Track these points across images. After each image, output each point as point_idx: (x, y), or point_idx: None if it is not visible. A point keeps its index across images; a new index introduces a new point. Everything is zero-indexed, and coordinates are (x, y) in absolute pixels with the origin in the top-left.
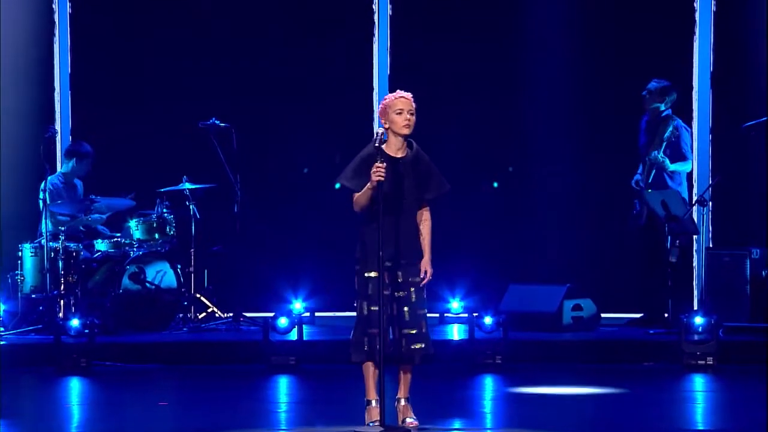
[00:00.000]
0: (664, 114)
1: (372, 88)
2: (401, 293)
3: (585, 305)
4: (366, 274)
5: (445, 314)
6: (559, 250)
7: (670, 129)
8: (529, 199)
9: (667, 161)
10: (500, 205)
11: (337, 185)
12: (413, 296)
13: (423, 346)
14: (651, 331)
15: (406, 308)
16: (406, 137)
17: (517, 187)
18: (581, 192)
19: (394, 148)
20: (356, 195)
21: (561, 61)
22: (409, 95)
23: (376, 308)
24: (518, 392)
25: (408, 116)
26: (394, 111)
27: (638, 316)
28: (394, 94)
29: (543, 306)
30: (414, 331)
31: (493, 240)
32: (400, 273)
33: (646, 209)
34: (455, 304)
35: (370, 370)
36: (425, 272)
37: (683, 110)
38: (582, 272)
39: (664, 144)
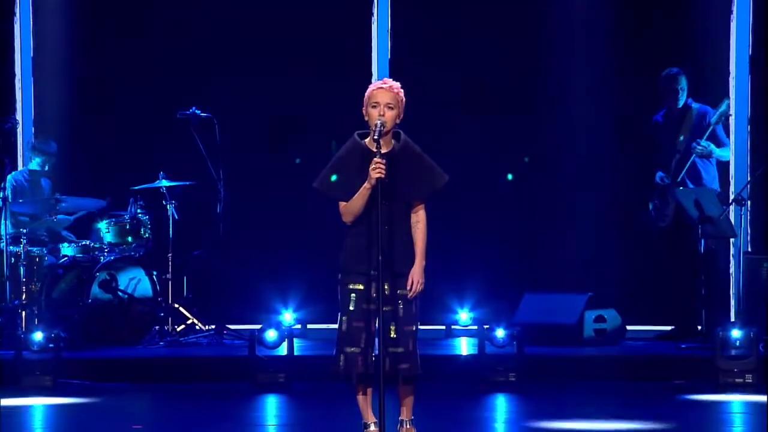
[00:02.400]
0: (689, 100)
1: (371, 74)
2: (388, 308)
3: (608, 316)
4: (349, 286)
5: (453, 326)
6: (580, 255)
7: (723, 108)
8: (546, 196)
9: (713, 146)
10: (514, 202)
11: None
12: (401, 311)
13: (408, 366)
14: (682, 346)
15: (392, 325)
16: (388, 132)
17: (534, 181)
18: (606, 189)
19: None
20: (344, 204)
21: (585, 40)
22: (389, 84)
23: (359, 324)
24: (534, 414)
25: (384, 110)
26: (370, 104)
27: (668, 328)
28: (374, 83)
29: (562, 317)
30: (400, 350)
31: (506, 243)
32: (387, 285)
33: (672, 208)
34: (464, 316)
35: (358, 391)
36: (413, 283)
37: (719, 99)
38: (605, 279)
39: (711, 129)
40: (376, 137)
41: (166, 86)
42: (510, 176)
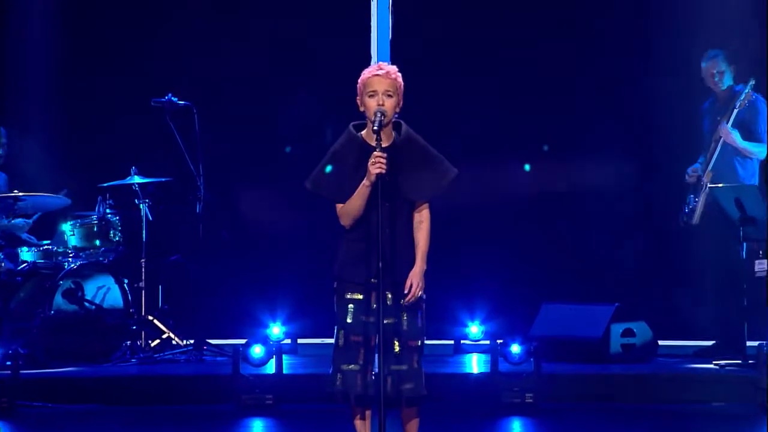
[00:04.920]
0: (737, 88)
1: (370, 57)
2: (390, 320)
3: (638, 330)
4: (346, 296)
5: (463, 341)
6: (606, 261)
7: (747, 89)
8: (568, 192)
9: (737, 134)
10: (531, 199)
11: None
12: (405, 324)
13: (412, 386)
14: (722, 363)
15: (395, 339)
16: (388, 123)
17: (554, 174)
18: (636, 186)
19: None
20: (341, 205)
21: (595, 21)
22: (386, 70)
23: (357, 339)
24: None
25: (383, 98)
26: (366, 93)
27: (707, 344)
28: (369, 69)
29: (585, 331)
30: (403, 368)
31: (521, 246)
32: (389, 294)
33: (702, 206)
34: (475, 329)
35: (356, 414)
36: (411, 286)
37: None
38: (634, 288)
39: (735, 113)
40: (375, 128)
41: (139, 70)
42: (527, 167)
